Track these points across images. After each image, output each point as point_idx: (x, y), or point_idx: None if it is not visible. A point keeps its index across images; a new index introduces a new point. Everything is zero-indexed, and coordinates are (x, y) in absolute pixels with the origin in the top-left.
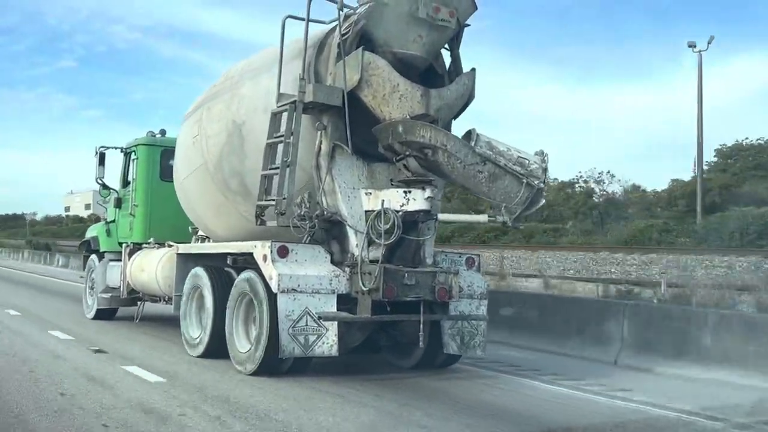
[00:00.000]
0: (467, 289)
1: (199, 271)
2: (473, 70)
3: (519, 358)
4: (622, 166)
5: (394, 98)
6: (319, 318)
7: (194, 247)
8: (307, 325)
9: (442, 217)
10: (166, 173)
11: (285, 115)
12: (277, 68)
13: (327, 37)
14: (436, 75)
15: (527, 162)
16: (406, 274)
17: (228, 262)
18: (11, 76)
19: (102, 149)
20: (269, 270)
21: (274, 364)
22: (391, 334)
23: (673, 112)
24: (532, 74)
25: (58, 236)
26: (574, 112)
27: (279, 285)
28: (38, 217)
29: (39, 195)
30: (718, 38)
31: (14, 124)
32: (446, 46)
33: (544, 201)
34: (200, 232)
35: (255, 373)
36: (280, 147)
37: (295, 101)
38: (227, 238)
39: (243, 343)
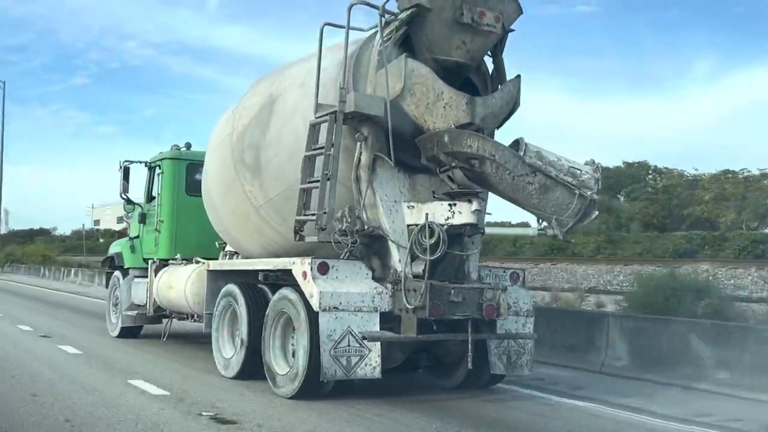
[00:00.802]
0: (513, 305)
1: (232, 288)
2: (518, 77)
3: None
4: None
5: (438, 107)
6: (363, 338)
7: (227, 264)
8: (349, 345)
9: (489, 230)
10: (192, 188)
11: (323, 126)
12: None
13: (366, 45)
14: (478, 82)
15: (579, 172)
16: (452, 291)
17: (259, 278)
18: (24, 93)
19: (126, 163)
20: (309, 287)
21: (314, 386)
22: (434, 353)
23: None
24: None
25: (95, 252)
26: (582, 122)
27: (320, 303)
28: (57, 232)
29: (53, 210)
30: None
31: (27, 140)
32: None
33: (597, 213)
34: (228, 248)
35: (294, 397)
36: (318, 160)
37: (335, 111)
38: (253, 251)
39: (281, 364)
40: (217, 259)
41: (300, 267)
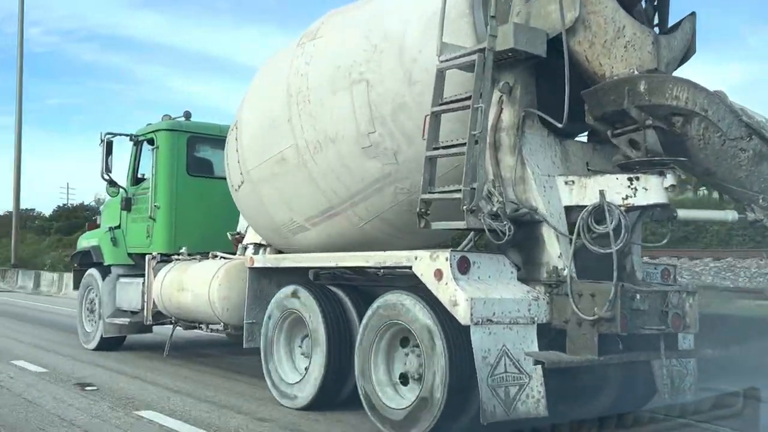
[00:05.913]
0: None
1: (293, 290)
2: (693, 14)
3: None
4: None
5: (617, 46)
6: (536, 362)
7: (286, 259)
8: (506, 371)
9: (682, 213)
10: (195, 167)
11: (450, 73)
12: None
13: None
14: (639, 17)
15: None
16: (637, 296)
17: (310, 277)
18: None
19: (109, 137)
20: (449, 292)
21: (447, 426)
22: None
23: None
24: None
25: None
26: None
27: (472, 314)
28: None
29: None
30: None
31: None
32: None
33: None
34: (249, 239)
35: None
36: (445, 118)
37: (483, 50)
38: (303, 245)
39: (388, 393)
40: (233, 253)
41: (430, 264)
